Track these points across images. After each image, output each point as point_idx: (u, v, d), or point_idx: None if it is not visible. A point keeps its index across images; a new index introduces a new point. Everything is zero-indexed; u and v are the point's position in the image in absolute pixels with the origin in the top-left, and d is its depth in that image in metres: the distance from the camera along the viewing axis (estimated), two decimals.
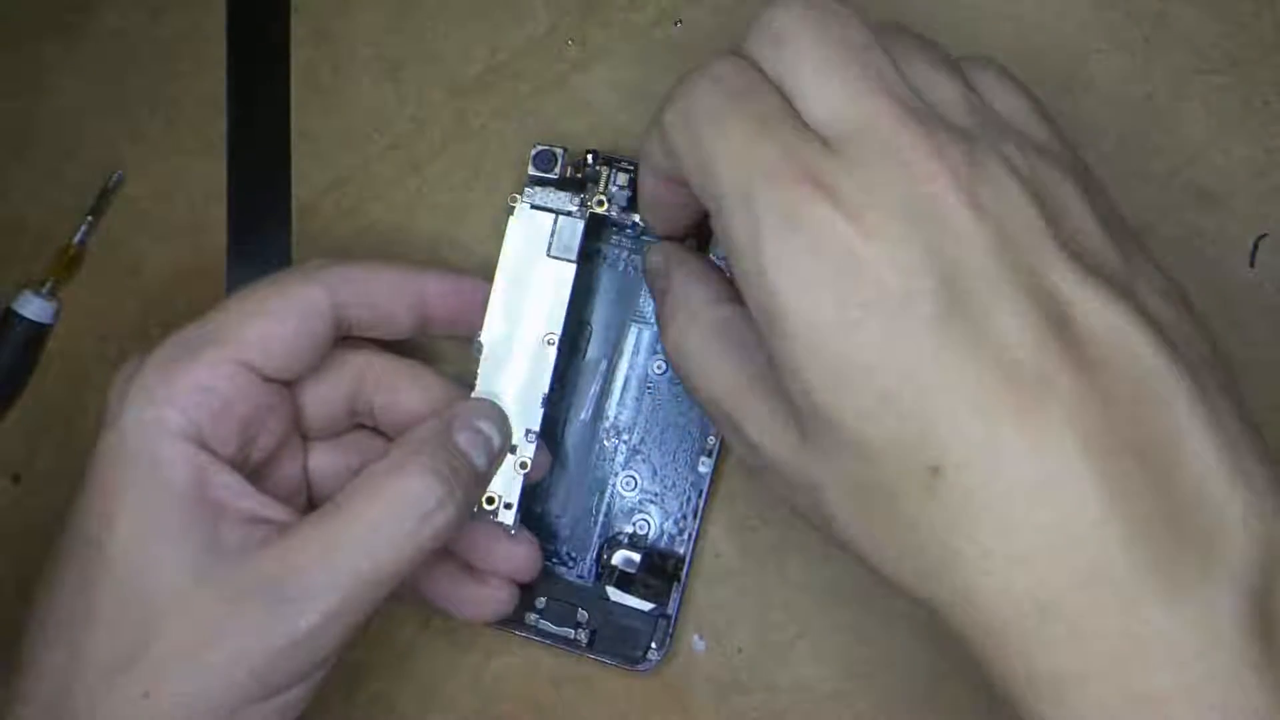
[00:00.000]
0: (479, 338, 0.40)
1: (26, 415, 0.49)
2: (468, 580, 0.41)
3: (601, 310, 0.44)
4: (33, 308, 0.48)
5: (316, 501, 0.41)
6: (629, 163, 0.41)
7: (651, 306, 0.44)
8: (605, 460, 0.44)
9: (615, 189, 0.41)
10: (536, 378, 0.40)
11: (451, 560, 0.41)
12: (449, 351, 0.45)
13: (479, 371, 0.40)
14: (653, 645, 0.42)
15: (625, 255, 0.44)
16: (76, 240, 0.48)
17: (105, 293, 0.49)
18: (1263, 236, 0.42)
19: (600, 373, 0.44)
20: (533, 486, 0.43)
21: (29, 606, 0.35)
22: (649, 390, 0.44)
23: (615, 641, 0.43)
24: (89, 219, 0.49)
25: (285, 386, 0.39)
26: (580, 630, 0.43)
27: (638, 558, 0.43)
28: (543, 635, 0.43)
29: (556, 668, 0.44)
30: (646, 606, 0.42)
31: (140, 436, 0.35)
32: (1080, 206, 0.29)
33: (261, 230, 0.48)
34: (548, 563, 0.44)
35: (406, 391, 0.40)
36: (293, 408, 0.39)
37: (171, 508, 0.34)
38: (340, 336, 0.39)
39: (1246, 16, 0.43)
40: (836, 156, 0.28)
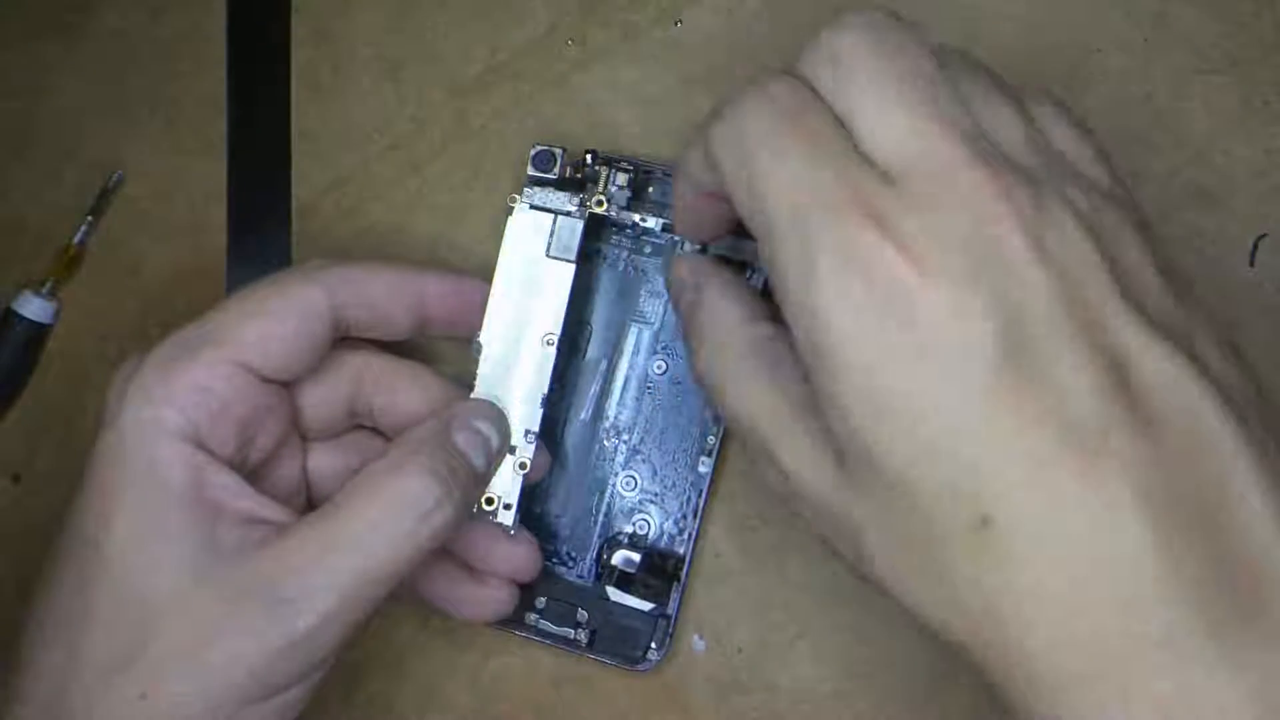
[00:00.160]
0: (478, 338, 0.40)
1: (26, 415, 0.49)
2: (467, 580, 0.41)
3: (601, 310, 0.44)
4: (33, 308, 0.48)
5: (316, 502, 0.41)
6: (628, 162, 0.41)
7: (651, 307, 0.44)
8: (605, 460, 0.44)
9: (614, 189, 0.41)
10: (536, 378, 0.40)
11: (451, 561, 0.41)
12: (449, 352, 0.45)
13: (478, 372, 0.40)
14: (652, 645, 0.42)
15: (625, 255, 0.44)
16: (76, 240, 0.48)
17: (105, 293, 0.49)
18: (1263, 236, 0.42)
19: (600, 373, 0.44)
20: (532, 487, 0.43)
21: (28, 606, 0.35)
22: (649, 390, 0.44)
23: (615, 641, 0.43)
24: (89, 219, 0.49)
25: (284, 387, 0.39)
26: (580, 630, 0.43)
27: (638, 558, 0.43)
28: (542, 635, 0.43)
29: (556, 668, 0.44)
30: (646, 606, 0.42)
31: (138, 436, 0.35)
32: (1140, 254, 0.28)
33: (261, 230, 0.48)
34: (548, 562, 0.44)
35: (406, 392, 0.40)
36: (291, 408, 0.39)
37: (169, 508, 0.34)
38: (339, 337, 0.39)
39: (1246, 16, 0.43)
40: (897, 191, 0.27)
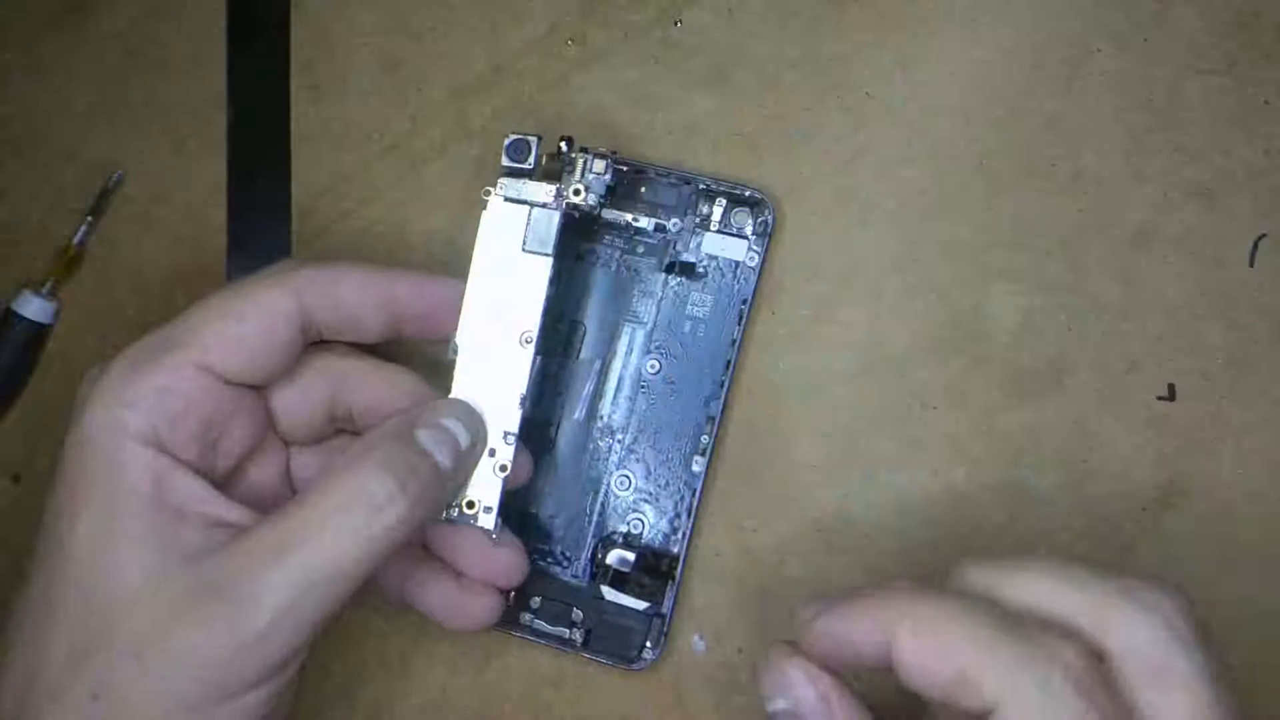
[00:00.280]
0: (454, 338, 0.39)
1: (26, 415, 0.49)
2: (454, 589, 0.41)
3: (595, 310, 0.44)
4: (33, 308, 0.48)
5: None
6: (605, 151, 0.40)
7: (644, 306, 0.44)
8: (599, 460, 0.44)
9: (592, 177, 0.40)
10: (513, 378, 0.39)
11: (438, 568, 0.41)
12: (438, 356, 0.45)
13: (454, 373, 0.39)
14: (647, 644, 0.42)
15: (618, 255, 0.44)
16: (76, 240, 0.49)
17: (105, 293, 0.49)
18: (1262, 236, 0.42)
19: (594, 372, 0.44)
20: (525, 487, 0.43)
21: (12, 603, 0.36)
22: (642, 390, 0.44)
23: (610, 641, 0.43)
24: (89, 219, 0.49)
25: (255, 391, 0.38)
26: (575, 630, 0.43)
27: (632, 557, 0.43)
28: (537, 635, 0.43)
29: (556, 668, 0.44)
30: (641, 605, 0.42)
31: (101, 439, 0.35)
32: None
33: (261, 230, 0.48)
34: (542, 562, 0.44)
35: (384, 395, 0.40)
36: (264, 412, 0.39)
37: (130, 510, 0.34)
38: (312, 340, 0.39)
39: (1246, 16, 0.43)
40: None
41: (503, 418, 0.39)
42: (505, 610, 0.42)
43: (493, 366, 0.39)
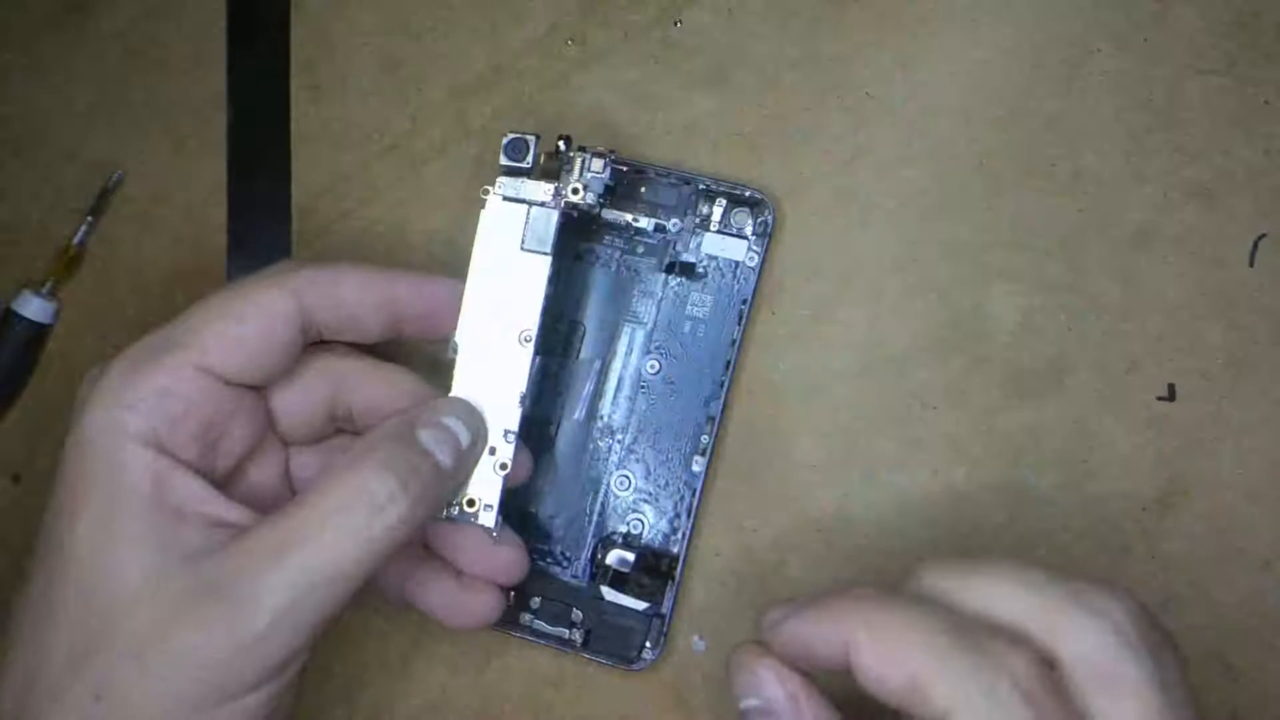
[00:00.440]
0: (453, 337, 0.39)
1: (26, 415, 0.49)
2: (454, 588, 0.41)
3: (594, 310, 0.44)
4: (33, 308, 0.48)
5: None
6: (603, 149, 0.40)
7: (644, 306, 0.44)
8: (599, 460, 0.44)
9: (591, 175, 0.40)
10: (512, 377, 0.39)
11: (439, 566, 0.41)
12: (438, 355, 0.45)
13: (454, 372, 0.39)
14: (647, 644, 0.42)
15: (618, 255, 0.44)
16: (76, 240, 0.49)
17: (105, 293, 0.49)
18: (1262, 236, 0.42)
19: (594, 373, 0.44)
20: (524, 487, 0.43)
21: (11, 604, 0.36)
22: (643, 390, 0.44)
23: (610, 641, 0.43)
24: (89, 219, 0.49)
25: (255, 391, 0.38)
26: (575, 630, 0.43)
27: (632, 557, 0.43)
28: (537, 635, 0.43)
29: (556, 668, 0.44)
30: (641, 605, 0.42)
31: (100, 439, 0.35)
32: None
33: (261, 230, 0.48)
34: (542, 562, 0.44)
35: (384, 395, 0.40)
36: (264, 412, 0.39)
37: (130, 511, 0.34)
38: (312, 341, 0.39)
39: (1246, 16, 0.43)
40: None
41: (503, 416, 0.39)
42: (505, 610, 0.42)
43: (492, 365, 0.39)
